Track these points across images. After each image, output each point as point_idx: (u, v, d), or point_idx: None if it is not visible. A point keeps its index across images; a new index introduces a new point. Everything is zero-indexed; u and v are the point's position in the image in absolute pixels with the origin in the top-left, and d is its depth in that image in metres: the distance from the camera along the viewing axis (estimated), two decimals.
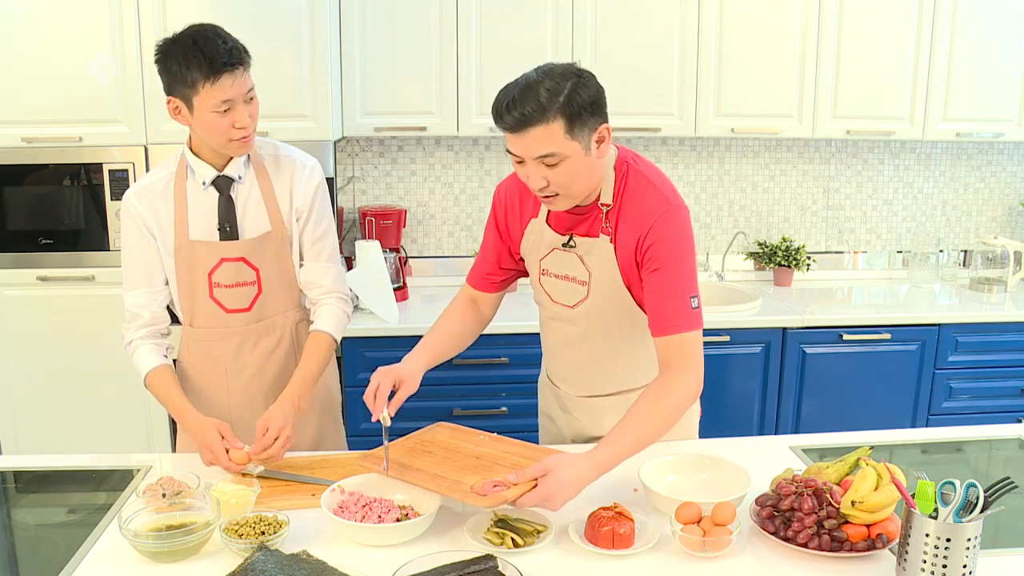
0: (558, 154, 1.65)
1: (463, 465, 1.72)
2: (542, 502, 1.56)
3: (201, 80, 1.83)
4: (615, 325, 1.88)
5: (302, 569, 1.43)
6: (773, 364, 3.32)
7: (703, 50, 3.34)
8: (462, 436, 1.88)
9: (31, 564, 1.65)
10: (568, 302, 1.89)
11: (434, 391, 3.22)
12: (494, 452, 1.79)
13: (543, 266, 1.91)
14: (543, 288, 1.94)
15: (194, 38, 1.84)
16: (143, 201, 1.98)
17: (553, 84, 1.62)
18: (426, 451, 1.81)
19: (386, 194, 3.71)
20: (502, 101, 1.65)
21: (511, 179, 1.97)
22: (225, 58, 1.83)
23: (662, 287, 1.73)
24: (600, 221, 1.81)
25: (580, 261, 1.84)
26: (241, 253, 2.00)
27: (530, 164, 1.68)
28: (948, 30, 3.41)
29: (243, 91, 1.88)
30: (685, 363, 1.72)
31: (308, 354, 2.03)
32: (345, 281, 2.14)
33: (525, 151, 1.66)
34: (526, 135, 1.63)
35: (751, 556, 1.55)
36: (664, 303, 1.73)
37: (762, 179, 3.86)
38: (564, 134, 1.63)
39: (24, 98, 2.98)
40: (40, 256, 3.11)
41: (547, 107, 1.61)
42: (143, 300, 2.01)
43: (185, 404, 1.95)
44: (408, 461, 1.75)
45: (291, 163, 2.05)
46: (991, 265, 3.74)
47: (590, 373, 1.97)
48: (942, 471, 1.89)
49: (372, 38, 3.23)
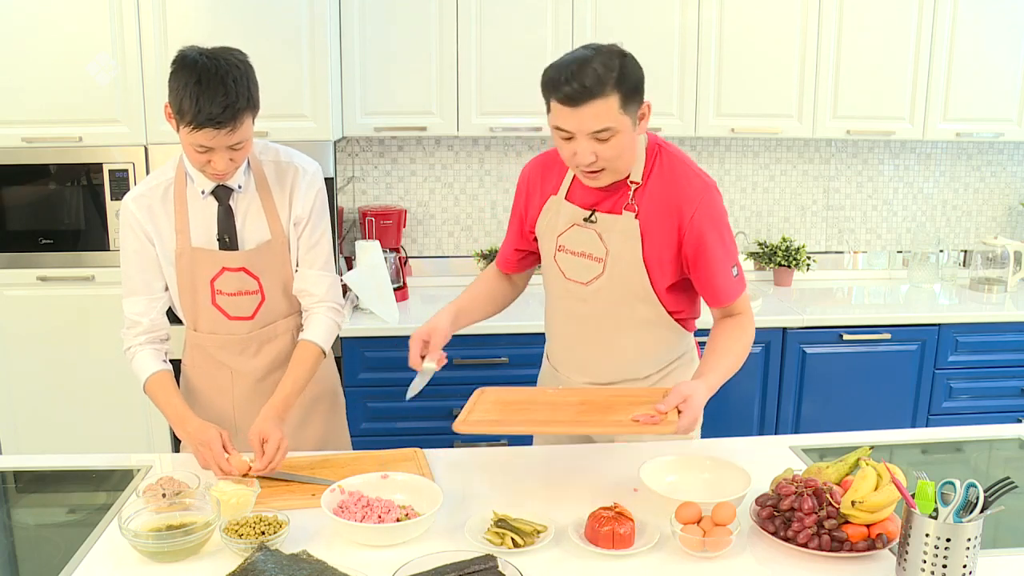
0: (612, 128, 1.70)
1: (581, 411, 1.75)
2: (691, 425, 1.68)
3: (184, 122, 1.77)
4: (626, 304, 1.91)
5: (302, 569, 1.43)
6: (773, 364, 3.32)
7: (703, 50, 3.34)
8: (535, 392, 1.92)
9: (31, 564, 1.65)
10: (582, 279, 1.92)
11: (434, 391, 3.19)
12: (593, 397, 1.84)
13: (560, 242, 1.93)
14: (557, 265, 1.96)
15: (200, 77, 1.74)
16: (141, 207, 1.96)
17: (607, 60, 1.68)
18: (523, 409, 1.80)
19: (386, 194, 3.71)
20: (559, 75, 1.68)
21: (536, 160, 2.03)
22: (215, 115, 1.74)
23: (713, 266, 1.85)
24: (625, 198, 1.85)
25: (599, 238, 1.88)
26: (242, 263, 1.98)
27: (581, 139, 1.72)
28: (948, 30, 3.41)
29: (226, 143, 1.80)
30: (747, 312, 1.95)
31: (294, 365, 2.00)
32: (339, 290, 2.11)
33: (580, 126, 1.70)
34: (583, 109, 1.67)
35: (751, 556, 1.55)
36: (716, 280, 1.87)
37: (762, 179, 3.86)
38: (619, 109, 1.69)
39: (24, 98, 2.97)
40: (40, 256, 3.11)
41: (605, 81, 1.66)
42: (142, 307, 1.99)
43: (186, 407, 1.94)
44: (506, 416, 1.75)
45: (292, 169, 2.02)
46: (991, 265, 3.74)
47: (595, 356, 1.98)
48: (942, 471, 1.89)
49: (372, 38, 3.23)
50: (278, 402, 1.94)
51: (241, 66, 1.80)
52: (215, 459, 1.81)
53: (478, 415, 1.76)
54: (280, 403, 1.94)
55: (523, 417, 1.77)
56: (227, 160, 1.84)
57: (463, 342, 3.18)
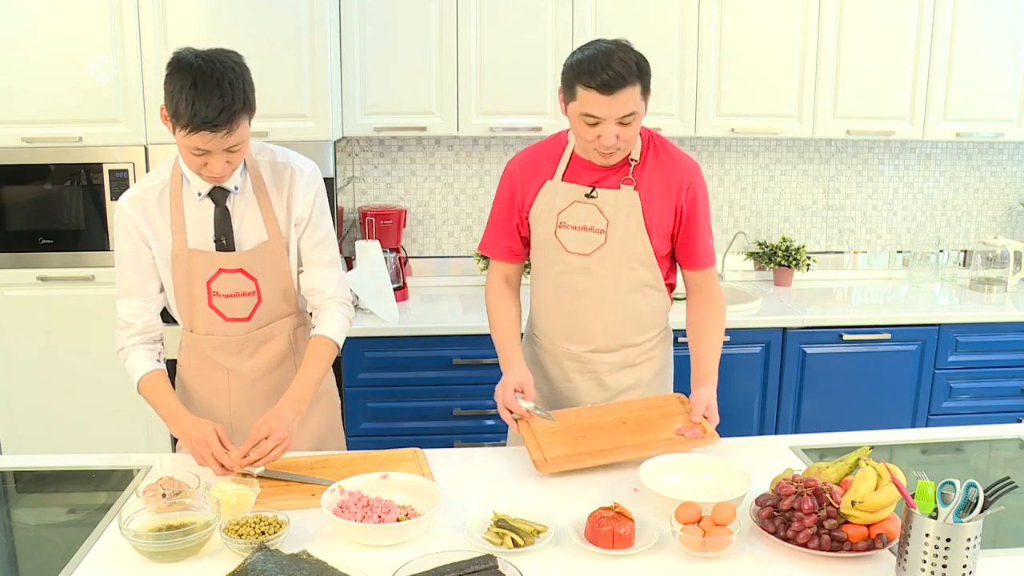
0: (636, 113, 1.92)
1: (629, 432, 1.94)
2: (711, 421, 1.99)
3: (180, 126, 1.76)
4: (628, 268, 2.10)
5: (302, 569, 1.43)
6: (773, 364, 3.32)
7: (703, 50, 3.34)
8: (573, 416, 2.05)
9: (31, 564, 1.65)
10: (584, 250, 2.09)
11: (434, 391, 3.22)
12: (627, 414, 2.04)
13: (560, 219, 2.10)
14: (559, 240, 2.11)
15: (195, 79, 1.73)
16: (137, 209, 1.95)
17: (626, 53, 1.90)
18: (579, 438, 1.95)
19: (386, 194, 3.71)
20: (593, 66, 1.87)
21: (520, 155, 2.18)
22: (211, 119, 1.73)
23: (699, 231, 2.11)
24: (622, 175, 2.06)
25: (599, 211, 2.06)
26: (239, 264, 1.98)
27: (608, 124, 1.91)
28: (948, 30, 3.41)
29: (223, 146, 1.80)
30: (716, 287, 2.18)
31: (309, 359, 2.00)
32: (347, 286, 2.12)
33: (611, 111, 1.89)
34: (617, 96, 1.87)
35: (751, 556, 1.56)
36: (699, 243, 2.12)
37: (762, 179, 3.86)
38: (640, 95, 1.92)
39: (24, 98, 2.97)
40: (40, 256, 3.11)
41: (632, 71, 1.88)
42: (136, 309, 1.99)
43: (180, 405, 1.94)
44: (574, 449, 1.91)
45: (289, 170, 2.01)
46: (991, 265, 3.74)
47: (595, 324, 2.14)
48: (942, 471, 1.89)
49: (372, 38, 3.23)
50: (294, 395, 1.94)
51: (237, 68, 1.79)
52: (215, 454, 1.81)
53: (551, 452, 1.90)
54: (296, 396, 1.94)
55: (589, 448, 1.92)
56: (223, 163, 1.84)
57: (463, 342, 3.18)
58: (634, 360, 2.18)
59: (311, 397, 1.98)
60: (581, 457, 1.88)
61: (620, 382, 2.18)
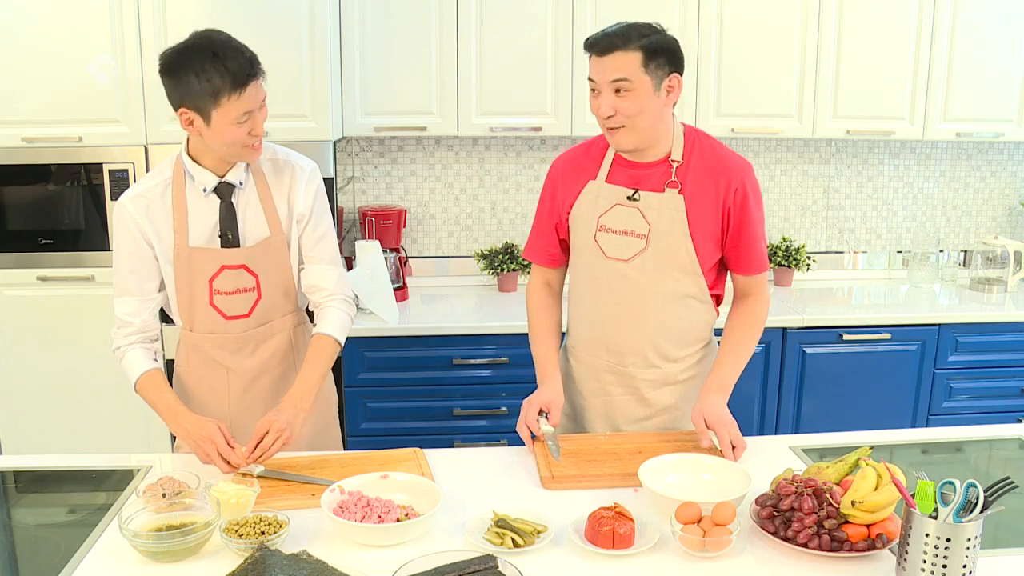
0: (630, 81, 1.87)
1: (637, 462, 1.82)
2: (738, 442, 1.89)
3: (227, 92, 1.80)
4: (670, 277, 2.02)
5: (302, 569, 1.43)
6: (773, 364, 3.32)
7: (703, 50, 3.34)
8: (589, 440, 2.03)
9: (31, 564, 1.65)
10: (623, 256, 2.02)
11: (434, 391, 3.22)
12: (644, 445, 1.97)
13: (601, 222, 2.04)
14: (598, 244, 2.05)
15: (213, 50, 1.80)
16: (139, 208, 1.95)
17: (642, 27, 1.90)
18: (592, 461, 1.92)
19: (386, 194, 3.71)
20: (596, 33, 1.92)
21: (566, 154, 2.15)
22: (248, 69, 1.82)
23: (750, 235, 2.03)
24: (666, 177, 1.99)
25: (641, 215, 2.00)
26: (242, 260, 1.98)
27: (604, 92, 1.90)
28: (948, 30, 3.41)
29: (262, 97, 1.88)
30: (763, 292, 2.11)
31: (312, 357, 2.01)
32: (347, 283, 2.12)
33: (602, 74, 1.89)
34: (606, 59, 1.88)
35: (751, 556, 1.55)
36: (753, 247, 2.04)
37: (762, 179, 3.85)
38: (640, 66, 1.87)
39: (24, 98, 2.97)
40: (40, 256, 3.11)
41: (630, 38, 1.87)
42: (133, 308, 1.99)
43: (180, 404, 1.93)
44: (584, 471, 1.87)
45: (289, 168, 2.03)
46: (991, 265, 3.74)
47: (632, 334, 2.06)
48: (942, 471, 1.89)
49: (372, 38, 3.23)
50: (296, 393, 1.94)
51: (223, 33, 1.87)
52: (221, 452, 1.80)
53: (560, 471, 1.87)
54: (298, 394, 1.94)
55: (599, 472, 1.88)
56: (261, 123, 1.90)
57: (463, 342, 3.18)
58: (676, 377, 2.10)
59: (314, 395, 1.98)
60: (589, 479, 1.83)
61: (661, 399, 2.11)
